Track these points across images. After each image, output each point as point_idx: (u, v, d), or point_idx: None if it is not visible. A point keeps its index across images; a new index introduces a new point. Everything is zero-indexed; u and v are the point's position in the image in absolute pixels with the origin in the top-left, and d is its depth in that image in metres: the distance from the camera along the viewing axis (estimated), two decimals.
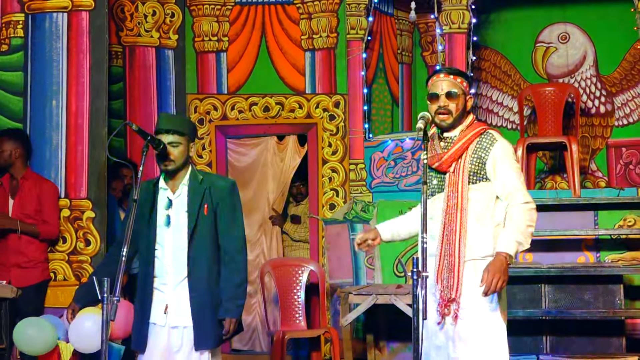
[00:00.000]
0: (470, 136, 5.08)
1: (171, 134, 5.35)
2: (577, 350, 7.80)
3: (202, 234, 5.36)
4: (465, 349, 4.97)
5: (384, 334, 8.63)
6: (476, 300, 4.95)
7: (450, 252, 4.98)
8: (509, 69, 10.14)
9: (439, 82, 5.13)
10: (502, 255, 4.87)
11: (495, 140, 5.08)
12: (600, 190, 9.01)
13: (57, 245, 8.02)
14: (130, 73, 9.26)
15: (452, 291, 4.95)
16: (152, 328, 5.36)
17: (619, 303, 7.88)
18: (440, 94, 5.09)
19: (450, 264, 4.97)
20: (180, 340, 5.33)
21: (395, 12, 10.03)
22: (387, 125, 9.91)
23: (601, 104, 9.87)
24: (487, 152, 5.04)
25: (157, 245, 5.38)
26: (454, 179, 5.04)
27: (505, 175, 5.01)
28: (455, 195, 5.01)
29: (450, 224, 5.01)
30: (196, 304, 5.31)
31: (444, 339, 5.04)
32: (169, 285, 5.36)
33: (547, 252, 8.52)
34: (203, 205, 5.36)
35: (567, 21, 10.01)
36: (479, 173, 5.04)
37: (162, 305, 5.35)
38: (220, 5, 9.60)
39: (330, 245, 9.23)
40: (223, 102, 9.58)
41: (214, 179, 5.57)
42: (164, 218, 5.38)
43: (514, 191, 4.98)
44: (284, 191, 10.65)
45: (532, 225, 4.98)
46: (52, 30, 8.17)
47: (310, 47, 9.56)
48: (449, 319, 4.98)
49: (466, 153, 5.06)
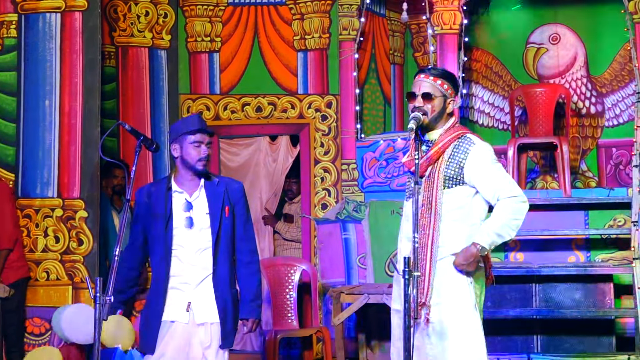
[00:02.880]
0: (447, 140, 5.04)
1: (208, 134, 5.48)
2: (567, 349, 7.84)
3: (224, 234, 5.45)
4: (441, 346, 4.98)
5: (376, 333, 8.66)
6: (450, 297, 4.98)
7: (422, 256, 4.97)
8: (500, 70, 10.17)
9: (419, 82, 5.12)
10: (474, 245, 4.93)
11: (472, 144, 5.04)
12: (591, 190, 9.05)
13: (50, 245, 8.04)
14: (123, 73, 9.27)
15: (422, 295, 4.96)
16: (170, 326, 5.37)
17: (609, 302, 7.93)
18: (418, 94, 5.09)
19: (422, 268, 4.96)
20: (209, 337, 5.38)
21: (387, 13, 10.06)
22: (379, 126, 9.93)
23: (592, 104, 9.91)
24: (464, 157, 5.00)
25: (175, 246, 5.41)
26: (428, 184, 5.02)
27: (487, 178, 5.00)
28: (429, 200, 4.99)
29: (423, 228, 4.99)
30: (221, 303, 5.38)
31: (421, 338, 5.03)
32: (190, 284, 5.40)
33: (538, 252, 8.56)
34: (224, 207, 5.46)
35: (558, 22, 10.05)
36: (455, 178, 5.01)
37: (183, 303, 5.38)
38: (213, 5, 9.62)
39: (322, 245, 9.26)
40: (216, 102, 9.60)
41: (229, 181, 5.66)
42: (185, 220, 5.42)
43: (498, 189, 4.97)
44: (277, 191, 10.67)
45: (518, 218, 4.97)
46: (45, 31, 8.19)
47: (302, 48, 9.58)
48: (421, 321, 4.97)
49: (442, 157, 5.03)
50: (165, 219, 5.41)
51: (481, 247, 4.93)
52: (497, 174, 5.01)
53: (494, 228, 4.94)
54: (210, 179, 5.52)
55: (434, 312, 4.97)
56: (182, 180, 5.50)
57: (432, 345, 5.01)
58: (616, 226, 8.49)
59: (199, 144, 5.42)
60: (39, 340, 8.06)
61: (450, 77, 5.20)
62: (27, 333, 8.03)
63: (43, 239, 8.10)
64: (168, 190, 5.48)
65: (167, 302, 5.39)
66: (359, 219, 9.17)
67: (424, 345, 5.03)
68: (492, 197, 4.99)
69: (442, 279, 4.99)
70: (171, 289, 5.40)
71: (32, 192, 8.13)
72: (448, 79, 5.14)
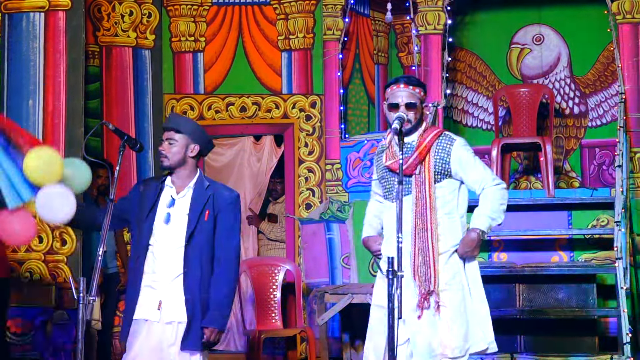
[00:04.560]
0: (430, 139, 5.35)
1: (167, 130, 5.49)
2: (551, 349, 7.86)
3: (199, 238, 5.42)
4: (454, 323, 5.26)
5: (360, 333, 8.63)
6: (453, 285, 5.29)
7: (425, 248, 5.25)
8: (484, 70, 10.19)
9: (399, 92, 5.36)
10: (475, 231, 5.32)
11: (453, 140, 5.38)
12: (574, 190, 9.08)
13: (34, 245, 8.01)
14: (107, 73, 9.25)
15: (430, 284, 5.21)
16: (144, 324, 5.39)
17: (592, 302, 7.95)
18: (401, 105, 5.32)
19: (426, 259, 5.24)
20: (174, 335, 5.38)
21: (372, 13, 10.07)
22: (363, 126, 9.94)
23: (575, 104, 9.94)
24: (448, 152, 5.33)
25: (152, 239, 5.43)
26: (420, 180, 5.32)
27: (472, 169, 5.37)
28: (423, 195, 5.30)
29: (422, 223, 5.28)
30: (189, 305, 5.37)
31: (427, 326, 5.25)
32: (161, 282, 5.41)
33: (521, 252, 8.58)
34: (205, 211, 5.45)
35: (541, 23, 10.07)
36: (442, 172, 5.33)
37: (155, 302, 5.39)
38: (197, 5, 9.61)
39: (307, 245, 9.27)
40: (200, 102, 9.59)
41: (220, 187, 5.63)
42: (165, 215, 5.45)
43: (483, 178, 5.38)
44: (261, 191, 10.68)
45: (504, 203, 5.41)
46: (29, 30, 8.18)
47: (286, 48, 9.58)
48: (431, 310, 5.21)
49: (429, 155, 5.33)
50: (148, 211, 5.45)
51: (481, 231, 5.31)
52: (480, 165, 5.43)
53: (488, 212, 5.34)
54: (202, 181, 5.53)
55: (443, 297, 5.24)
56: (175, 177, 5.54)
57: (442, 327, 5.24)
58: (599, 226, 8.52)
59: (162, 141, 5.50)
60: (21, 340, 8.04)
61: (423, 85, 5.52)
62: (10, 333, 8.00)
63: None
64: (161, 183, 5.54)
65: (141, 299, 5.41)
66: (343, 219, 9.18)
67: (432, 329, 5.23)
68: (478, 187, 5.38)
69: (443, 272, 5.29)
70: (146, 287, 5.42)
71: None
72: (422, 86, 5.46)
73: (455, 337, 5.23)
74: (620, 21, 8.86)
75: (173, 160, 5.47)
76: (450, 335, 5.22)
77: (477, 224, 5.33)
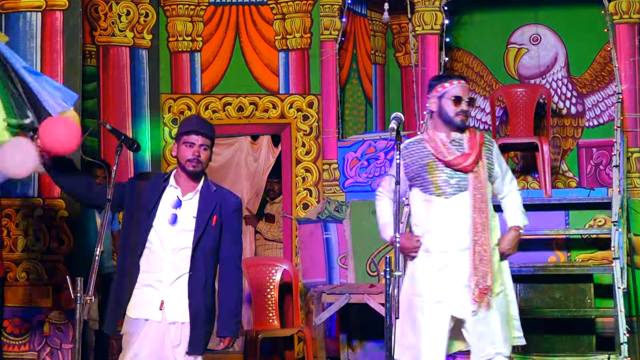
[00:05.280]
0: (478, 139, 5.59)
1: (203, 136, 5.45)
2: (548, 348, 7.86)
3: (206, 241, 5.42)
4: (504, 317, 5.54)
5: (357, 333, 8.67)
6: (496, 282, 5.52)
7: (481, 243, 5.43)
8: (481, 70, 10.20)
9: (462, 87, 5.56)
10: (517, 229, 5.68)
11: (492, 142, 5.70)
12: (571, 190, 9.09)
13: (31, 244, 8.01)
14: (104, 73, 9.24)
15: (487, 279, 5.39)
16: (144, 324, 5.37)
17: (589, 302, 7.96)
18: (464, 99, 5.53)
19: (484, 254, 5.41)
20: (179, 336, 5.38)
21: (369, 13, 10.07)
22: (360, 126, 9.95)
23: (572, 104, 9.95)
24: (491, 153, 5.64)
25: (153, 237, 5.41)
26: (476, 177, 5.49)
27: (506, 171, 5.77)
28: (480, 192, 5.47)
29: (481, 219, 5.44)
30: (193, 308, 5.38)
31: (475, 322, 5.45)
32: (164, 282, 5.39)
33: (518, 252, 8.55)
34: (213, 215, 5.45)
35: (538, 23, 10.08)
36: (489, 173, 5.61)
37: (157, 302, 5.38)
38: (194, 5, 9.61)
39: (304, 245, 9.27)
40: (197, 102, 9.59)
41: (226, 193, 5.63)
42: (170, 216, 5.42)
43: (512, 181, 5.80)
44: (259, 191, 10.67)
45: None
46: (25, 30, 8.17)
47: (284, 48, 9.58)
48: (484, 305, 5.40)
49: (482, 153, 5.57)
50: (149, 208, 5.41)
51: (520, 228, 5.69)
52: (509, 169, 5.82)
53: (522, 211, 5.75)
54: (209, 185, 5.52)
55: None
56: (180, 179, 5.51)
57: (494, 322, 5.45)
58: (596, 226, 8.53)
59: (190, 144, 5.41)
60: (18, 341, 8.03)
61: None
62: (7, 333, 8.00)
63: (23, 238, 8.07)
64: (164, 182, 5.50)
65: (140, 298, 5.39)
66: (340, 219, 9.18)
67: (486, 325, 5.43)
68: (507, 189, 5.77)
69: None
70: (145, 286, 5.40)
71: (13, 191, 8.09)
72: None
73: (507, 332, 5.51)
74: (617, 21, 8.86)
75: (204, 166, 5.48)
76: (502, 330, 5.46)
77: (517, 221, 5.68)
